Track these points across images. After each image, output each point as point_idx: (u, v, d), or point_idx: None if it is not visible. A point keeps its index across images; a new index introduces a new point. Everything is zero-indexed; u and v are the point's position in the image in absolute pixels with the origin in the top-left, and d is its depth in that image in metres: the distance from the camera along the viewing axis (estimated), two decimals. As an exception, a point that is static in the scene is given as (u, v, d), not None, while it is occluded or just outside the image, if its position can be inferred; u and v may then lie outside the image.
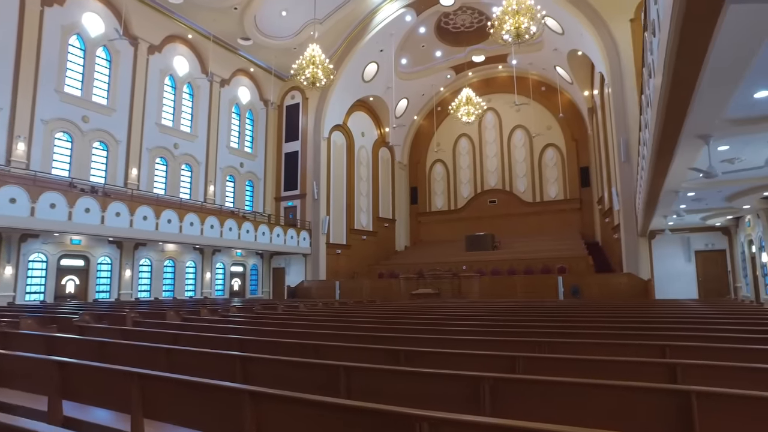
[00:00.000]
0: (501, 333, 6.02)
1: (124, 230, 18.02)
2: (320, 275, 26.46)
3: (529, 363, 3.93)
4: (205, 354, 4.67)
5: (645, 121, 8.65)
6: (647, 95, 7.60)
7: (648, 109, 7.91)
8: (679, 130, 6.33)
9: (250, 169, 27.77)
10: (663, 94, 5.33)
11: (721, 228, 18.29)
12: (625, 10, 20.76)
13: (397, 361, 4.54)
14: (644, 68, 7.61)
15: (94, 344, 5.78)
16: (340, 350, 5.02)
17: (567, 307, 11.01)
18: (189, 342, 6.13)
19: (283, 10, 24.58)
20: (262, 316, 10.13)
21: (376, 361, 4.47)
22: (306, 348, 5.17)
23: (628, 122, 20.02)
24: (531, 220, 30.09)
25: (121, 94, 21.38)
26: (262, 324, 8.27)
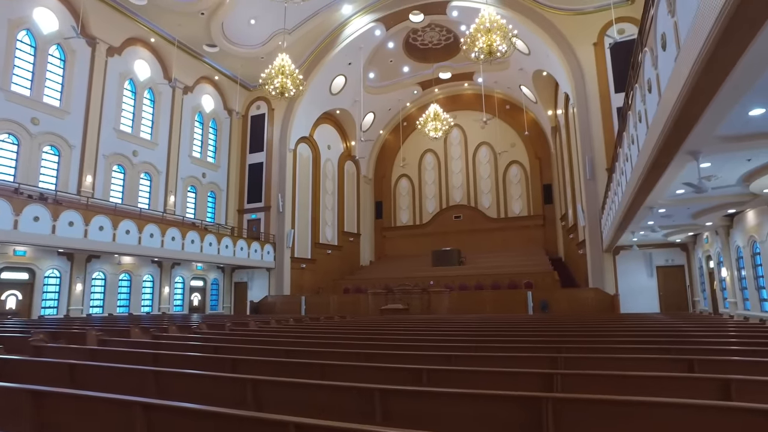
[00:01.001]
0: (513, 348, 5.80)
1: (78, 241, 16.75)
2: (284, 290, 25.63)
3: (576, 380, 3.71)
4: (206, 378, 4.16)
5: (632, 137, 8.79)
6: (638, 111, 7.71)
7: (638, 125, 8.02)
8: (679, 146, 6.40)
9: (213, 180, 26.75)
10: (674, 109, 5.34)
11: (680, 244, 19.07)
12: (588, 34, 21.62)
13: (420, 380, 4.21)
14: (636, 85, 7.73)
15: (63, 367, 5.10)
16: (347, 370, 4.64)
17: (562, 322, 10.97)
18: (174, 363, 5.54)
19: (252, 18, 24.06)
20: (241, 333, 9.50)
21: (400, 382, 4.12)
22: (312, 368, 4.75)
23: (593, 141, 20.70)
24: (496, 235, 30.50)
25: (76, 96, 20.12)
26: (246, 342, 7.70)
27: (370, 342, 6.87)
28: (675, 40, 4.93)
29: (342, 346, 6.46)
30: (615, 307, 18.51)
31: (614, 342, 6.26)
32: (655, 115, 6.32)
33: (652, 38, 6.13)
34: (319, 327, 11.10)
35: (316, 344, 6.83)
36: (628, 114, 8.84)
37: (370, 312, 21.75)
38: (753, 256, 12.91)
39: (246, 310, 25.63)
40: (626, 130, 9.37)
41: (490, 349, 5.79)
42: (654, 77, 6.21)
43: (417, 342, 6.68)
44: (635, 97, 7.89)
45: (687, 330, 8.07)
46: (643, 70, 6.91)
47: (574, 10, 21.93)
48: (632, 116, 8.53)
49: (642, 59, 6.91)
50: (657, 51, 5.93)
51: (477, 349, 5.79)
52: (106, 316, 18.63)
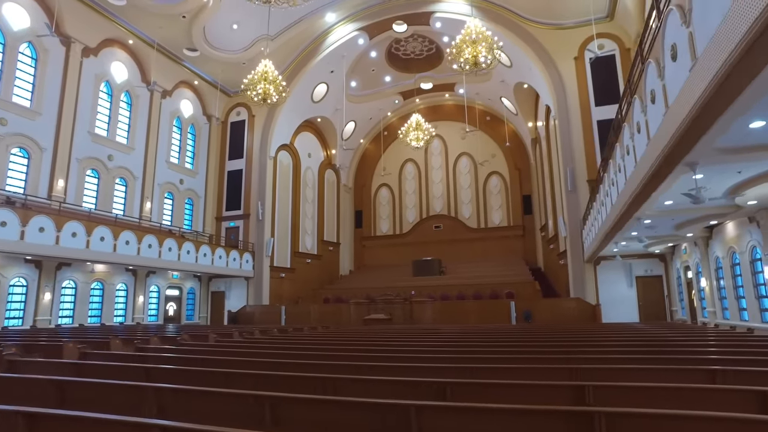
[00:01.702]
0: (529, 360, 5.67)
1: (49, 248, 15.96)
2: (263, 300, 25.06)
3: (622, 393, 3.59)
4: (222, 395, 3.87)
5: (626, 148, 8.88)
6: (636, 122, 7.79)
7: (635, 136, 8.10)
8: (682, 157, 6.44)
9: (190, 187, 26.06)
10: (684, 120, 5.37)
11: (659, 255, 19.48)
12: (569, 48, 22.08)
13: (444, 396, 4.03)
14: (635, 96, 7.81)
15: (49, 384, 4.70)
16: (364, 385, 4.42)
17: (556, 331, 10.93)
18: (168, 377, 5.20)
19: (235, 23, 23.72)
20: (228, 345, 9.12)
21: (423, 396, 3.93)
22: (325, 382, 4.51)
23: (574, 153, 21.05)
24: (476, 245, 30.64)
25: (49, 97, 19.33)
26: (237, 354, 7.36)
27: (373, 354, 6.65)
28: (690, 51, 4.96)
29: (347, 358, 6.21)
30: (597, 316, 18.73)
31: (626, 352, 6.20)
32: (661, 125, 6.37)
33: (658, 48, 6.18)
34: (307, 338, 10.78)
35: (318, 356, 6.56)
36: (623, 125, 8.93)
37: (352, 322, 21.42)
38: (732, 266, 13.23)
39: (223, 320, 24.93)
40: (620, 141, 9.46)
41: (507, 360, 5.64)
42: (659, 88, 6.26)
43: (426, 354, 6.49)
44: (633, 107, 7.97)
45: (687, 340, 8.12)
46: (644, 80, 6.97)
47: (555, 25, 22.39)
48: (628, 127, 8.62)
49: (644, 70, 6.97)
50: (664, 61, 5.98)
51: (494, 360, 5.64)
52: (77, 327, 17.78)
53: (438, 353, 6.59)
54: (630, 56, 21.11)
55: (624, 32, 21.31)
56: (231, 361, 6.18)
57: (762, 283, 11.62)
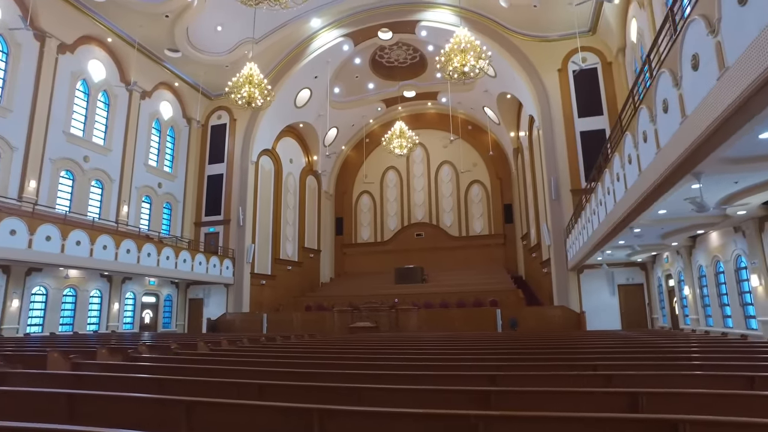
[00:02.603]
0: (558, 366, 5.58)
1: (20, 252, 15.12)
2: (243, 307, 24.44)
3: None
4: (259, 408, 3.62)
5: (628, 157, 9.01)
6: (643, 131, 7.90)
7: (640, 145, 8.22)
8: (693, 166, 6.54)
9: (169, 191, 25.30)
10: (705, 131, 5.44)
11: (640, 264, 19.91)
12: (553, 61, 22.51)
13: (489, 403, 3.89)
14: (642, 105, 7.92)
15: (58, 398, 4.30)
16: (387, 393, 4.24)
17: (562, 339, 10.93)
18: (189, 389, 4.88)
19: (219, 25, 23.27)
20: (225, 353, 8.75)
21: (464, 406, 3.78)
22: (352, 392, 4.31)
23: (558, 163, 21.39)
24: (457, 253, 30.75)
25: (20, 93, 18.46)
26: (244, 363, 7.04)
27: (397, 362, 6.44)
28: (717, 60, 5.02)
29: (370, 367, 5.98)
30: (581, 324, 18.97)
31: (667, 359, 6.17)
32: (675, 134, 6.45)
33: (674, 58, 6.27)
34: (304, 346, 10.47)
35: (343, 365, 6.29)
36: (625, 134, 9.06)
37: (336, 330, 21.09)
38: (716, 275, 13.59)
39: (201, 328, 24.19)
40: (620, 150, 9.60)
41: (531, 368, 5.55)
42: (675, 97, 6.34)
43: (441, 362, 6.33)
44: (639, 116, 8.09)
45: (704, 348, 8.18)
46: (656, 90, 7.07)
47: (540, 37, 22.82)
48: (631, 136, 8.74)
49: (655, 79, 7.07)
50: (682, 71, 6.06)
51: (521, 368, 5.53)
52: (47, 336, 16.89)
53: (467, 360, 6.44)
54: (612, 69, 21.71)
55: (605, 46, 21.88)
56: (245, 370, 5.85)
57: (747, 290, 11.96)
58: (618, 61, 21.32)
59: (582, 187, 20.98)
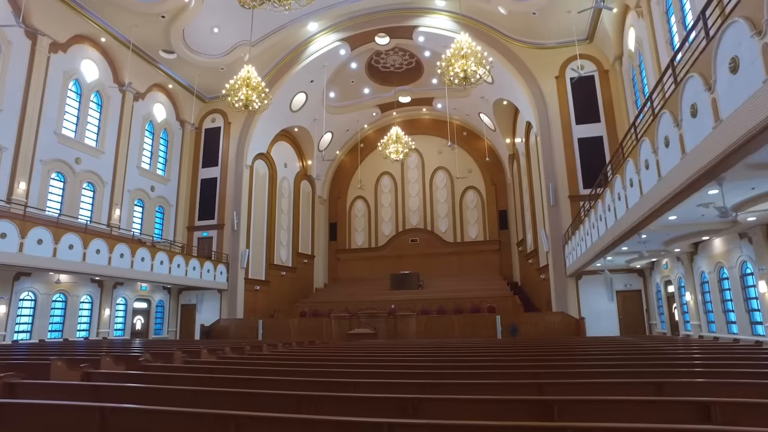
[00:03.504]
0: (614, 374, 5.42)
1: (11, 255, 14.57)
2: (238, 313, 23.99)
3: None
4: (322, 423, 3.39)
5: (645, 163, 8.98)
6: (665, 136, 7.85)
7: (660, 150, 8.18)
8: (723, 171, 6.49)
9: (162, 194, 24.78)
10: (744, 135, 5.38)
11: (638, 270, 20.02)
12: (551, 68, 22.66)
13: (551, 414, 3.72)
14: (664, 110, 7.89)
15: (90, 412, 3.96)
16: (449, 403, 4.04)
17: (581, 346, 10.80)
18: (233, 403, 4.61)
19: (215, 27, 22.95)
20: (259, 359, 8.45)
21: (525, 417, 3.61)
22: (406, 403, 4.09)
23: (556, 169, 21.46)
24: (452, 259, 30.67)
25: (11, 92, 17.91)
26: (297, 373, 6.72)
27: (457, 369, 6.20)
28: (765, 62, 4.96)
29: (422, 376, 5.73)
30: (581, 330, 18.96)
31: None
32: (705, 139, 6.39)
33: (706, 62, 6.23)
34: (316, 354, 10.18)
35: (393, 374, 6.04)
36: (642, 139, 9.02)
37: (334, 337, 20.77)
38: (720, 281, 13.67)
39: (194, 334, 23.66)
40: (636, 155, 9.56)
41: (583, 375, 5.39)
42: (707, 101, 6.29)
43: (491, 369, 6.11)
44: (660, 121, 8.05)
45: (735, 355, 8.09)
46: (682, 94, 7.03)
47: (537, 45, 22.95)
48: (649, 141, 8.70)
49: (681, 83, 7.03)
50: (716, 74, 6.02)
51: (571, 375, 5.36)
52: (36, 343, 16.31)
53: (515, 368, 6.25)
54: (608, 77, 21.92)
55: (602, 54, 22.09)
56: (283, 381, 5.51)
57: (754, 297, 12.02)
58: (615, 69, 21.53)
59: (580, 193, 21.08)
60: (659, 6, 16.17)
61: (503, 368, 6.06)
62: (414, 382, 4.96)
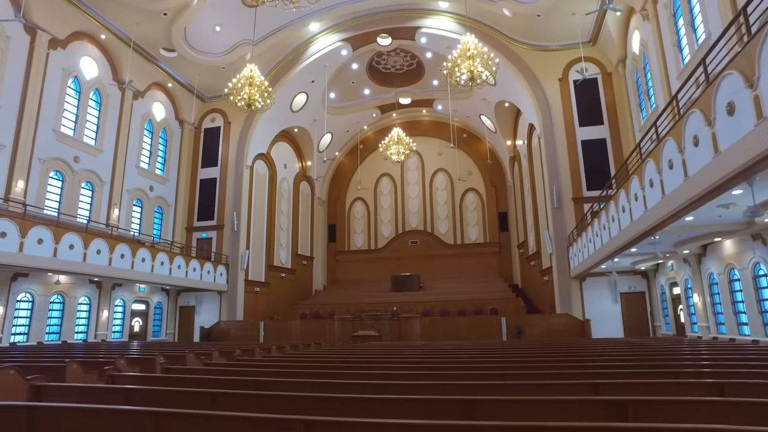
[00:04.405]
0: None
1: (11, 255, 14.19)
2: (237, 315, 23.65)
3: None
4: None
5: (670, 162, 8.93)
6: (695, 135, 7.80)
7: (686, 150, 8.13)
8: (757, 171, 6.43)
9: (160, 194, 24.40)
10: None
11: (641, 272, 20.06)
12: (554, 70, 22.69)
13: (625, 416, 3.58)
14: (694, 109, 7.84)
15: (142, 417, 3.72)
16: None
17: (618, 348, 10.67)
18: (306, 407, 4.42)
19: (217, 25, 22.68)
20: (298, 358, 8.22)
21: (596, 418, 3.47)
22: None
23: (560, 171, 21.46)
24: (452, 261, 30.58)
25: (9, 89, 17.50)
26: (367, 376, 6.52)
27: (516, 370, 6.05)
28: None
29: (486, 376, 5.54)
30: (586, 332, 18.93)
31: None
32: (746, 136, 6.32)
33: (748, 60, 6.17)
34: (349, 356, 9.97)
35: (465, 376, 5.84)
36: (667, 139, 8.97)
37: (337, 339, 20.52)
38: (730, 282, 13.69)
39: (193, 337, 23.29)
40: (658, 156, 9.51)
41: (639, 375, 5.27)
42: (746, 99, 6.23)
43: (544, 369, 5.95)
44: (688, 120, 8.00)
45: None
46: (716, 93, 6.97)
47: (541, 47, 22.98)
48: (674, 141, 8.65)
49: (715, 82, 6.97)
50: (760, 71, 5.95)
51: (628, 374, 5.24)
52: (34, 345, 15.89)
53: (567, 368, 6.11)
54: (611, 80, 21.99)
55: (605, 57, 22.18)
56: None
57: (766, 298, 12.04)
58: (618, 71, 21.62)
59: (583, 195, 21.12)
60: (667, 9, 16.23)
61: (563, 368, 5.95)
62: (476, 383, 4.81)
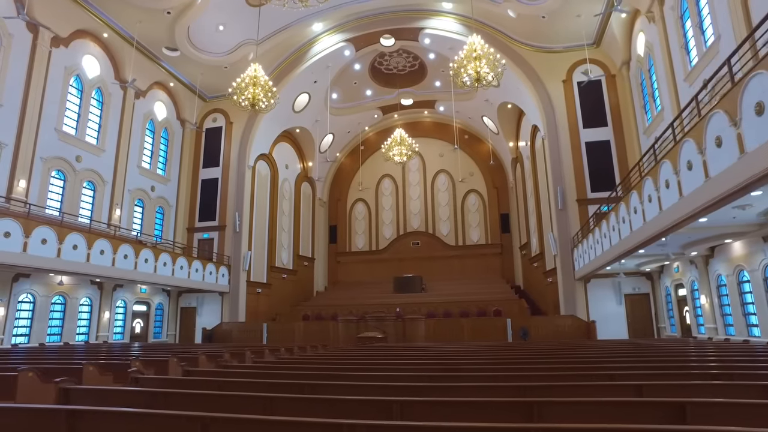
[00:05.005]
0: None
1: (15, 256, 13.98)
2: (239, 316, 23.47)
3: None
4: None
5: (688, 163, 8.91)
6: (717, 136, 7.78)
7: (707, 150, 8.11)
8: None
9: (162, 194, 24.19)
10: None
11: (646, 273, 20.09)
12: (558, 71, 22.72)
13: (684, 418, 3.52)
14: (719, 110, 7.82)
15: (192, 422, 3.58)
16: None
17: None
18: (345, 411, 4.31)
19: (221, 24, 22.54)
20: (328, 357, 8.11)
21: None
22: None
23: (564, 173, 21.47)
24: (454, 263, 30.53)
25: (11, 87, 17.27)
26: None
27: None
28: None
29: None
30: (592, 333, 18.93)
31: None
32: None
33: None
34: (371, 357, 9.86)
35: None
36: (687, 140, 8.94)
37: (341, 341, 20.40)
38: (739, 284, 13.71)
39: (194, 338, 23.08)
40: (676, 156, 9.48)
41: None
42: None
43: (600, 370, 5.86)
44: (710, 122, 7.98)
45: None
46: (743, 93, 6.94)
47: (545, 49, 23.00)
48: (694, 142, 8.63)
49: (743, 81, 6.95)
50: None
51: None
52: (36, 347, 15.66)
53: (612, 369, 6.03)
54: (615, 82, 22.05)
55: (609, 59, 22.23)
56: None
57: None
58: (621, 73, 21.67)
59: (588, 197, 21.14)
60: (674, 11, 16.27)
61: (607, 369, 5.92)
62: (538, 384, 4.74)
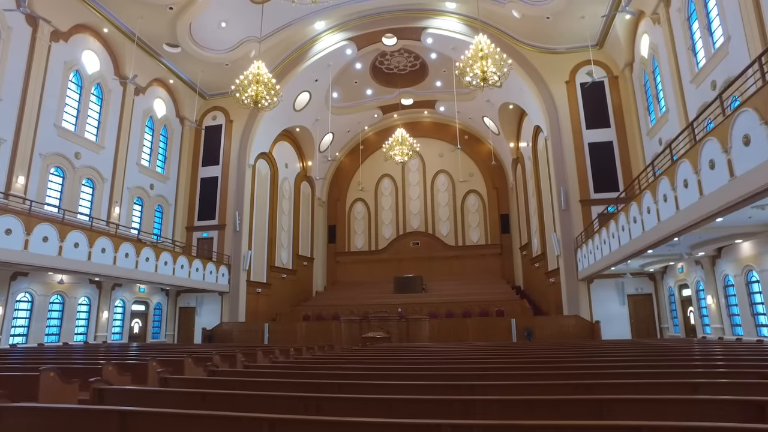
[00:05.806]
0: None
1: (16, 254, 13.64)
2: (239, 316, 23.19)
3: None
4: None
5: (710, 162, 8.90)
6: (741, 135, 7.76)
7: (729, 150, 8.10)
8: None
9: (161, 193, 23.84)
10: None
11: (648, 274, 20.17)
12: (561, 72, 22.75)
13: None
14: (741, 108, 7.80)
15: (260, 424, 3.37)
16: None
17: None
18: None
19: (223, 21, 22.28)
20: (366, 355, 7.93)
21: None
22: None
23: (567, 173, 21.50)
24: (453, 263, 30.47)
25: (10, 82, 16.90)
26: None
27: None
28: None
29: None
30: (596, 333, 18.94)
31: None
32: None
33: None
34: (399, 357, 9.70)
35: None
36: (709, 139, 8.93)
37: (343, 341, 20.21)
38: (747, 284, 13.77)
39: (193, 339, 22.77)
40: (696, 156, 9.47)
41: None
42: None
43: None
44: (736, 120, 7.96)
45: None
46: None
47: (548, 50, 23.04)
48: (717, 141, 8.61)
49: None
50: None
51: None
52: (35, 347, 15.31)
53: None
54: (618, 83, 22.13)
55: (612, 60, 22.32)
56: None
57: (788, 299, 12.13)
58: (624, 75, 21.77)
59: (591, 197, 21.19)
60: (680, 13, 16.33)
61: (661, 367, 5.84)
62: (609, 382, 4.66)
